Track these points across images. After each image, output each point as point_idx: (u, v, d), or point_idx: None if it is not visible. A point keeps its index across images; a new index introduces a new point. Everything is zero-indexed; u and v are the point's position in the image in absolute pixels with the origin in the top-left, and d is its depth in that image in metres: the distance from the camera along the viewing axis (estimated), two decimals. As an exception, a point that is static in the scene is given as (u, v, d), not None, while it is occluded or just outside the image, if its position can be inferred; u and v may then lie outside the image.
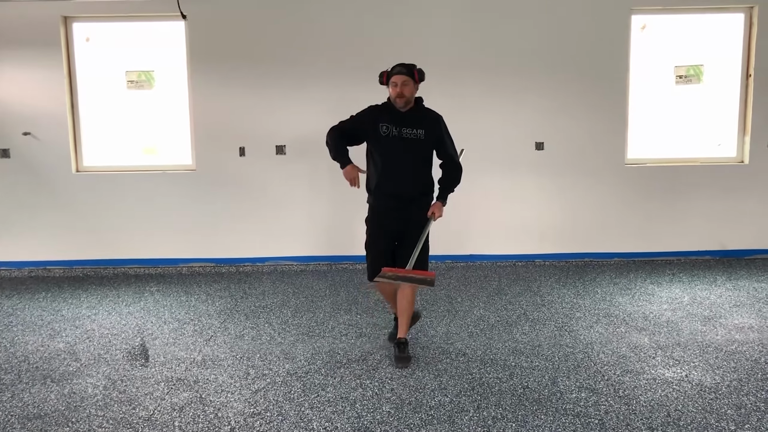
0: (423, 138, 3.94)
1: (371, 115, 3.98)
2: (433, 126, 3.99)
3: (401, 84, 3.88)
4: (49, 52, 6.00)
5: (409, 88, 3.90)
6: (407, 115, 3.94)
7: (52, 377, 3.88)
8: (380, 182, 3.96)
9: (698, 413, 3.30)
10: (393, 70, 3.92)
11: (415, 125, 3.93)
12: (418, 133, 3.93)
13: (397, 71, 3.90)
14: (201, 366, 4.00)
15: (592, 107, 6.10)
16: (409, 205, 3.99)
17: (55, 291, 5.67)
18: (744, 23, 6.08)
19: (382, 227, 4.02)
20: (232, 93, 6.07)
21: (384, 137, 3.91)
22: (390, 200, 3.98)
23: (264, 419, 3.33)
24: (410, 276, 3.84)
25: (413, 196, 4.00)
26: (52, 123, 6.08)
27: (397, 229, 4.01)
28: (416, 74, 3.93)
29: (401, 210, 3.99)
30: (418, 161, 3.98)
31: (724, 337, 4.29)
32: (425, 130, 3.94)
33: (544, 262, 6.28)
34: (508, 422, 3.25)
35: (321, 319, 4.81)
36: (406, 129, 3.91)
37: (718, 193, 6.19)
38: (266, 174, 6.17)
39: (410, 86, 3.90)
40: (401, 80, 3.88)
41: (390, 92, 3.94)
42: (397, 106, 3.92)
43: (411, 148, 3.93)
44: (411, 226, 3.99)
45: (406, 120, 3.93)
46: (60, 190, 6.17)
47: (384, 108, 4.01)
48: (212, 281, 5.87)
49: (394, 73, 3.91)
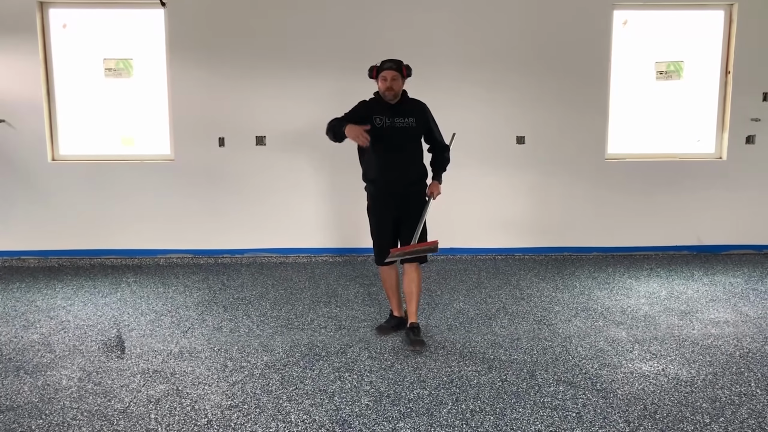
0: (414, 125, 4.17)
1: (365, 109, 4.17)
2: (421, 114, 4.23)
3: (391, 79, 4.07)
4: (25, 38, 5.88)
5: (398, 83, 4.10)
6: (397, 107, 4.15)
7: (25, 369, 3.82)
8: (379, 171, 4.17)
9: (674, 406, 3.33)
10: (383, 65, 4.10)
11: (406, 115, 4.15)
12: (409, 122, 4.15)
13: (388, 66, 4.09)
14: (178, 358, 3.96)
15: (574, 102, 6.12)
16: (407, 190, 4.22)
17: (30, 281, 5.58)
18: (723, 20, 6.13)
19: (385, 214, 4.24)
20: (211, 82, 6.00)
21: (378, 128, 4.09)
22: (390, 186, 4.19)
23: (241, 412, 3.30)
24: (416, 249, 4.10)
25: (411, 181, 4.23)
26: (27, 111, 5.97)
27: (398, 214, 4.23)
28: (404, 70, 4.13)
29: (401, 196, 4.20)
30: (411, 148, 4.22)
31: (700, 332, 4.34)
32: (415, 119, 4.17)
33: (523, 256, 6.30)
34: (486, 415, 3.26)
35: (300, 312, 4.79)
36: (398, 119, 4.12)
37: (697, 188, 6.25)
38: (246, 165, 6.12)
39: (399, 81, 4.10)
40: (391, 75, 4.07)
41: (379, 86, 4.12)
42: (386, 99, 4.12)
43: (404, 136, 4.15)
44: (411, 209, 4.22)
45: (397, 111, 4.14)
46: (35, 179, 6.07)
47: (374, 101, 4.20)
48: (190, 273, 5.82)
49: (384, 69, 4.09)
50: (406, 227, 4.24)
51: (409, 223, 4.22)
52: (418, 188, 4.28)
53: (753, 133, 6.18)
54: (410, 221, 4.21)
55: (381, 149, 4.14)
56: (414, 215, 4.22)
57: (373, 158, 4.19)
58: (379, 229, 4.30)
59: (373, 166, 4.21)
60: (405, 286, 4.29)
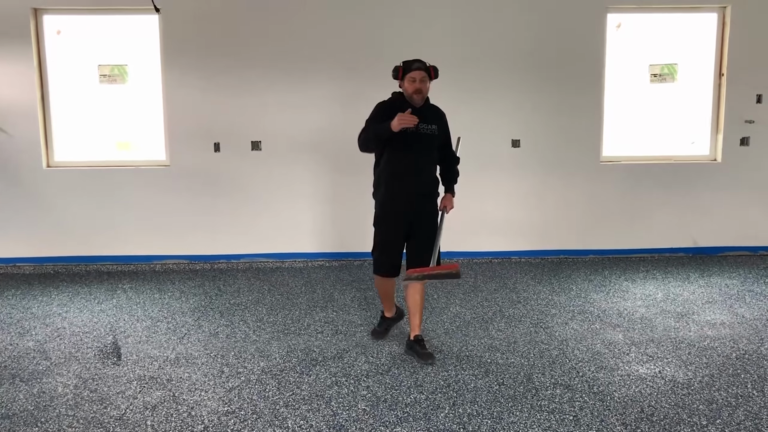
0: (436, 133, 3.98)
1: (388, 112, 3.85)
2: (442, 122, 4.06)
3: (420, 80, 3.87)
4: (19, 44, 5.87)
5: (426, 85, 3.91)
6: (422, 111, 3.92)
7: (20, 376, 3.80)
8: (396, 178, 3.94)
9: (671, 409, 3.33)
10: (412, 65, 3.89)
11: (430, 121, 3.95)
12: (432, 129, 3.95)
13: (417, 67, 3.88)
14: (174, 364, 3.95)
15: (569, 105, 6.13)
16: (422, 201, 4.01)
17: (25, 288, 5.56)
18: (717, 23, 6.15)
19: (396, 224, 4.00)
20: (206, 88, 6.00)
21: (402, 132, 3.80)
22: (405, 196, 3.96)
23: (238, 418, 3.30)
24: (437, 273, 3.94)
25: (427, 192, 4.03)
26: (22, 117, 5.96)
27: (409, 226, 4.01)
28: (432, 71, 3.93)
29: (415, 206, 3.99)
30: (431, 156, 4.03)
31: (696, 334, 4.34)
32: (437, 126, 3.98)
33: (519, 259, 6.31)
34: (483, 419, 3.25)
35: (296, 317, 4.78)
36: (423, 125, 3.89)
37: (692, 190, 6.26)
38: (241, 170, 6.12)
39: (427, 83, 3.91)
40: (420, 76, 3.87)
41: (405, 87, 3.91)
42: (414, 102, 3.91)
43: (427, 143, 3.95)
44: (423, 222, 4.01)
45: (422, 116, 3.88)
46: (30, 185, 6.06)
47: (396, 104, 3.94)
48: (186, 278, 5.81)
49: (414, 69, 3.87)
50: (415, 242, 4.01)
51: (420, 237, 3.99)
52: (432, 200, 4.07)
53: (747, 134, 6.20)
54: (421, 236, 3.99)
55: (401, 155, 3.90)
56: (426, 230, 4.00)
57: (390, 165, 3.94)
58: (386, 240, 4.03)
59: (390, 173, 3.95)
60: (409, 296, 4.05)
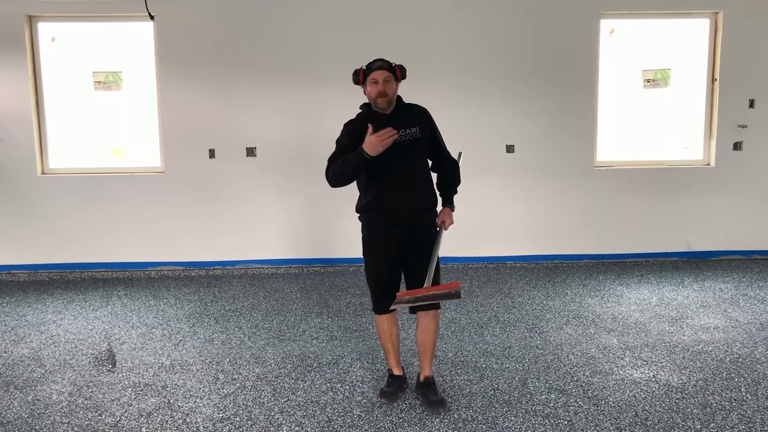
0: (419, 136, 3.41)
1: (354, 132, 3.37)
2: (425, 121, 3.50)
3: (383, 81, 3.34)
4: (13, 51, 5.88)
5: (391, 86, 3.37)
6: (394, 116, 3.41)
7: (15, 384, 3.79)
8: (380, 199, 3.37)
9: (665, 413, 3.34)
10: (372, 65, 3.39)
11: (408, 124, 3.40)
12: (412, 132, 3.40)
13: (378, 66, 3.37)
14: (169, 371, 3.95)
15: (562, 110, 6.15)
16: (416, 220, 3.44)
17: (20, 295, 5.55)
18: (709, 28, 6.19)
19: (386, 250, 3.44)
20: (201, 94, 6.01)
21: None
22: (394, 218, 3.40)
23: (233, 424, 3.29)
24: (431, 294, 3.26)
25: (421, 208, 3.45)
26: (16, 124, 5.96)
27: (403, 250, 3.45)
28: (398, 71, 3.40)
29: (408, 227, 3.42)
30: (418, 165, 3.45)
31: (690, 338, 4.35)
32: (419, 127, 3.42)
33: (514, 264, 6.32)
34: (478, 424, 3.26)
35: (292, 323, 4.78)
36: (401, 131, 3.35)
37: (686, 195, 6.28)
38: (236, 176, 6.12)
39: (392, 84, 3.38)
40: (383, 77, 3.35)
41: (368, 92, 3.40)
42: (378, 107, 3.38)
43: (409, 150, 3.38)
44: (421, 243, 3.43)
45: (395, 121, 3.36)
46: (25, 192, 6.05)
47: (364, 117, 3.42)
48: (181, 285, 5.80)
49: (374, 69, 3.37)
50: (414, 266, 3.45)
51: (418, 261, 3.41)
52: (429, 217, 3.49)
53: (740, 139, 6.23)
54: (420, 259, 3.41)
55: (381, 173, 3.35)
56: (423, 249, 3.41)
57: (372, 183, 3.38)
58: (377, 270, 3.48)
59: (373, 193, 3.40)
60: (419, 336, 3.53)
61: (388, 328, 3.55)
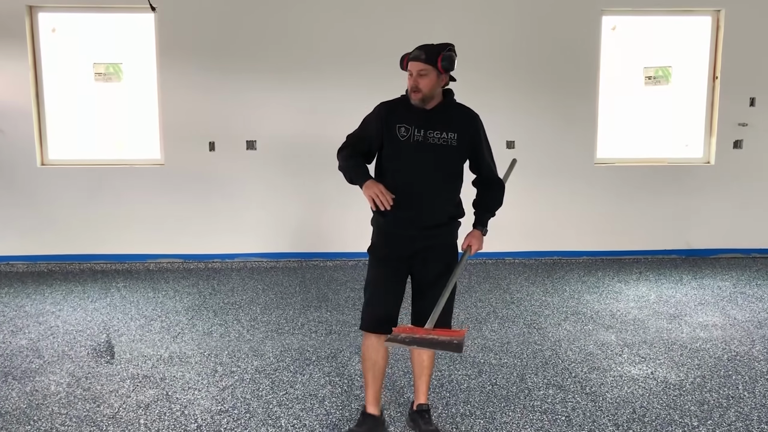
0: (455, 144, 2.98)
1: (382, 114, 3.01)
2: (468, 128, 3.04)
3: (417, 74, 2.92)
4: (14, 42, 5.85)
5: (427, 81, 2.92)
6: (434, 114, 2.99)
7: (13, 374, 3.79)
8: (394, 204, 2.93)
9: (663, 409, 3.35)
10: (410, 54, 2.99)
11: (446, 127, 2.98)
12: (449, 138, 2.97)
13: (413, 56, 2.95)
14: (168, 363, 3.95)
15: (563, 107, 6.15)
16: (432, 235, 3.03)
17: (18, 286, 5.55)
18: (711, 26, 6.18)
19: (393, 262, 3.02)
20: (202, 87, 6.00)
21: (403, 142, 2.95)
22: (407, 229, 2.99)
23: (231, 417, 3.30)
24: (431, 339, 2.84)
25: (439, 222, 3.03)
26: (16, 115, 5.94)
27: (413, 268, 3.05)
28: (439, 61, 2.92)
29: (422, 241, 3.01)
30: (447, 175, 3.02)
31: (688, 335, 4.36)
32: (458, 134, 2.99)
33: (513, 260, 6.32)
34: (476, 419, 3.27)
35: (290, 316, 4.78)
36: (434, 132, 2.96)
37: (685, 193, 6.29)
38: (236, 169, 6.11)
39: (430, 78, 2.92)
40: (417, 69, 2.92)
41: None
42: (414, 103, 2.97)
43: (439, 157, 2.97)
44: (432, 265, 3.03)
45: (434, 120, 2.97)
46: (24, 183, 6.04)
47: (401, 103, 3.03)
48: (180, 277, 5.80)
49: (410, 59, 2.98)
50: (422, 291, 3.04)
51: (428, 285, 3.03)
52: (446, 234, 3.08)
53: (741, 137, 6.23)
54: (427, 282, 3.03)
55: (401, 173, 2.97)
56: (434, 275, 3.01)
57: (388, 184, 2.95)
58: (378, 282, 3.04)
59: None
60: (415, 356, 3.15)
61: (374, 353, 3.04)
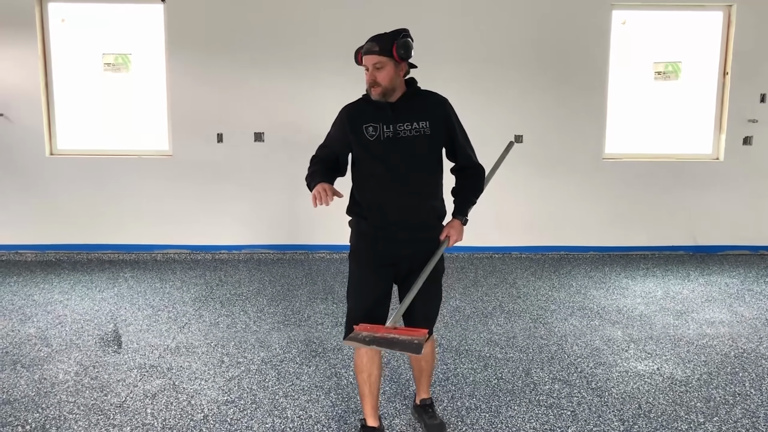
0: (428, 132, 2.80)
1: (345, 120, 2.85)
2: (440, 113, 2.86)
3: (373, 68, 2.74)
4: (24, 32, 5.87)
5: (385, 73, 2.74)
6: (400, 106, 2.80)
7: (22, 363, 3.82)
8: (372, 208, 2.83)
9: (668, 406, 3.34)
10: (363, 46, 2.83)
11: (415, 117, 2.80)
12: (420, 127, 2.79)
13: (366, 49, 2.78)
14: (175, 353, 3.97)
15: (572, 101, 6.12)
16: (417, 237, 2.86)
17: (27, 275, 5.58)
18: (722, 22, 6.13)
19: (375, 266, 2.86)
20: (210, 78, 6.00)
21: (372, 142, 2.78)
22: (392, 231, 2.82)
23: (237, 407, 3.31)
24: (391, 339, 2.65)
25: (424, 223, 2.87)
26: (25, 105, 5.96)
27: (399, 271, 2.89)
28: (395, 50, 2.73)
29: (406, 245, 2.84)
30: (424, 168, 2.84)
31: (695, 332, 4.35)
32: (429, 121, 2.81)
33: (520, 254, 6.32)
34: (481, 413, 3.27)
35: (297, 308, 4.79)
36: (403, 125, 2.78)
37: (694, 189, 6.26)
38: (244, 161, 6.12)
39: (387, 69, 2.74)
40: (372, 62, 2.74)
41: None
42: (374, 98, 2.79)
43: (414, 149, 2.79)
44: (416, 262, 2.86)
45: (400, 112, 2.79)
46: (33, 173, 6.06)
47: (364, 103, 2.86)
48: (188, 268, 5.82)
49: (364, 53, 2.80)
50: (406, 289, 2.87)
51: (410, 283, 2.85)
52: (435, 236, 2.89)
53: (750, 134, 6.19)
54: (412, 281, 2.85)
55: (375, 174, 2.81)
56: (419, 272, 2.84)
57: (363, 184, 2.85)
58: (360, 287, 2.87)
59: (364, 197, 2.86)
60: (413, 361, 3.08)
61: (368, 366, 2.86)
